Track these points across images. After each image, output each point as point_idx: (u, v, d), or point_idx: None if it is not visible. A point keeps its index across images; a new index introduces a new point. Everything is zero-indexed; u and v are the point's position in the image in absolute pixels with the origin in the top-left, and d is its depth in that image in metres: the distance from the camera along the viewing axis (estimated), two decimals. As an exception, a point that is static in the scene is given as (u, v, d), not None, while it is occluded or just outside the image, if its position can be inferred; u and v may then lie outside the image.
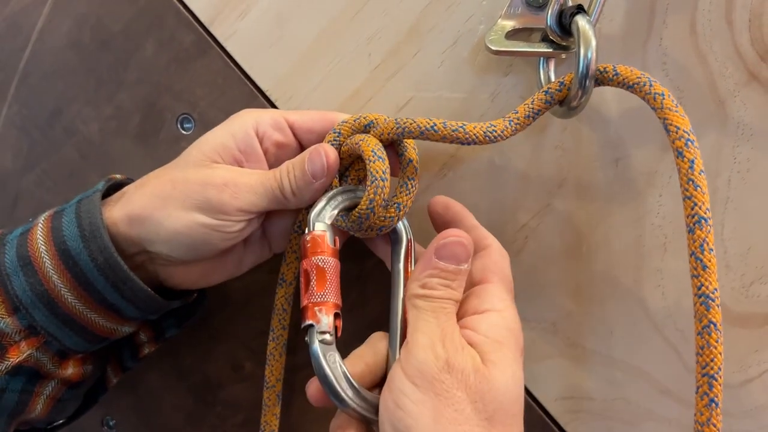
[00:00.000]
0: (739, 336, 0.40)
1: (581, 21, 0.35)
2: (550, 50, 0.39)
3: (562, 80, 0.37)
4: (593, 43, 0.35)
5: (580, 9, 0.36)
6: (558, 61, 0.40)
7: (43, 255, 0.37)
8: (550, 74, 0.40)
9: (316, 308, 0.35)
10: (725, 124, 0.39)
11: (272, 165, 0.40)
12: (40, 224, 0.38)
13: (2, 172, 0.51)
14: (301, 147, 0.41)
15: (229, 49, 0.46)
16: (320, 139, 0.40)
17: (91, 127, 0.49)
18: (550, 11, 0.37)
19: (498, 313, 0.35)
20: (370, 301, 0.46)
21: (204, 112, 0.47)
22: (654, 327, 0.42)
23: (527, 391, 0.44)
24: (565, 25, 0.36)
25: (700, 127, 0.39)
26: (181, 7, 0.46)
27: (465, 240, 0.35)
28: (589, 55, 0.35)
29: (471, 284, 0.37)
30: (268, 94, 0.45)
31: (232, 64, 0.46)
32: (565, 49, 0.38)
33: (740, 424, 0.41)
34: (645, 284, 0.41)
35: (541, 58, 0.40)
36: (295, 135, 0.40)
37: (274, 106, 0.45)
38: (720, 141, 0.39)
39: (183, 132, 0.48)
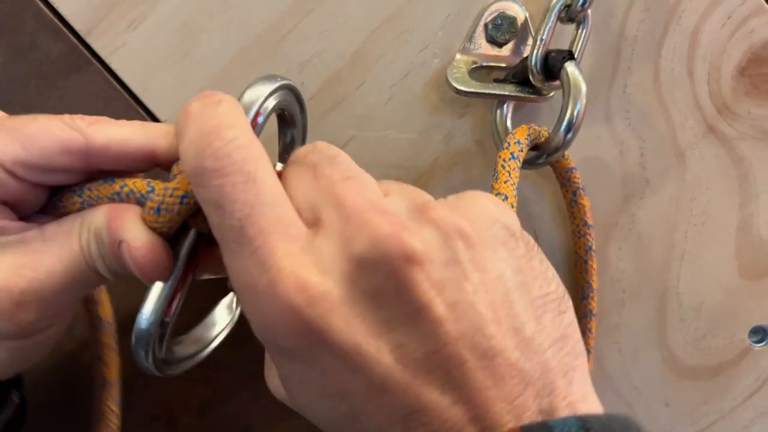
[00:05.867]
0: (690, 389, 0.40)
1: (571, 68, 0.32)
2: (524, 94, 0.35)
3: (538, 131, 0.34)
4: (584, 91, 0.32)
5: (571, 55, 0.32)
6: (516, 105, 0.37)
7: None
8: (507, 119, 0.36)
9: None
10: (684, 177, 0.38)
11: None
12: None
13: None
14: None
15: (113, 66, 0.36)
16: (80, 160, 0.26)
17: None
18: (535, 52, 0.33)
19: None
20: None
21: (76, 144, 0.36)
22: (610, 383, 0.40)
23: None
24: (551, 68, 0.33)
25: (660, 178, 0.38)
26: (45, 8, 0.35)
27: None
28: (578, 106, 0.32)
29: None
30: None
31: (117, 85, 0.36)
32: (539, 93, 0.35)
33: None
34: (603, 340, 0.40)
35: (498, 101, 0.36)
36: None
37: (175, 139, 0.36)
38: (678, 193, 0.38)
39: (44, 168, 0.37)
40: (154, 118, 0.36)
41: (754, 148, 0.38)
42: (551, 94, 0.35)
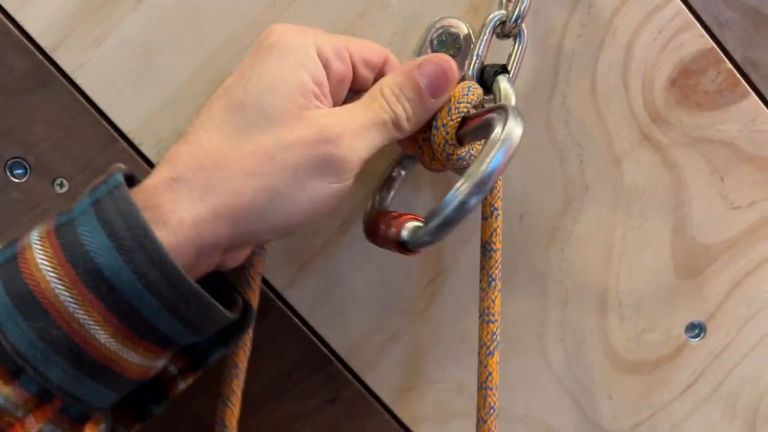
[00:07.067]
0: (631, 383, 0.42)
1: (503, 82, 0.34)
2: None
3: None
4: (514, 101, 0.34)
5: (504, 69, 0.34)
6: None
7: (55, 285, 0.26)
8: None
9: None
10: (621, 182, 0.40)
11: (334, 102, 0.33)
12: (35, 246, 0.27)
13: None
14: (355, 80, 0.34)
15: (78, 81, 0.38)
16: (376, 73, 0.34)
17: None
18: (472, 67, 0.35)
19: None
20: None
21: (42, 156, 0.38)
22: (556, 379, 0.42)
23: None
24: (486, 81, 0.35)
25: (599, 184, 0.40)
26: (12, 27, 0.37)
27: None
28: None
29: None
30: (130, 137, 0.38)
31: (83, 100, 0.38)
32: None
33: (628, 463, 0.43)
34: (548, 338, 0.42)
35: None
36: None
37: (138, 150, 0.38)
38: (616, 198, 0.41)
39: (13, 179, 0.38)
40: (120, 132, 0.38)
41: (686, 155, 0.40)
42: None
